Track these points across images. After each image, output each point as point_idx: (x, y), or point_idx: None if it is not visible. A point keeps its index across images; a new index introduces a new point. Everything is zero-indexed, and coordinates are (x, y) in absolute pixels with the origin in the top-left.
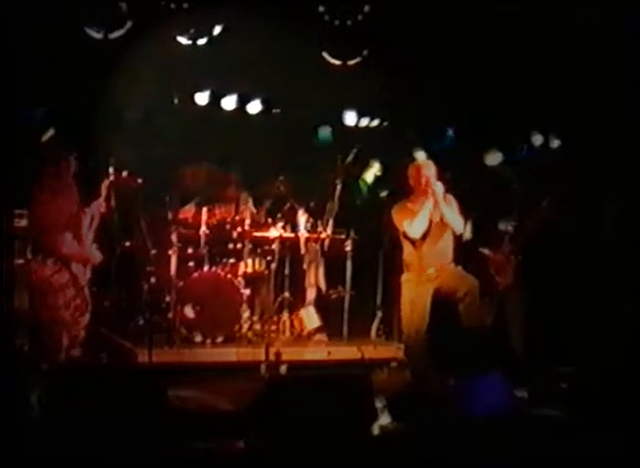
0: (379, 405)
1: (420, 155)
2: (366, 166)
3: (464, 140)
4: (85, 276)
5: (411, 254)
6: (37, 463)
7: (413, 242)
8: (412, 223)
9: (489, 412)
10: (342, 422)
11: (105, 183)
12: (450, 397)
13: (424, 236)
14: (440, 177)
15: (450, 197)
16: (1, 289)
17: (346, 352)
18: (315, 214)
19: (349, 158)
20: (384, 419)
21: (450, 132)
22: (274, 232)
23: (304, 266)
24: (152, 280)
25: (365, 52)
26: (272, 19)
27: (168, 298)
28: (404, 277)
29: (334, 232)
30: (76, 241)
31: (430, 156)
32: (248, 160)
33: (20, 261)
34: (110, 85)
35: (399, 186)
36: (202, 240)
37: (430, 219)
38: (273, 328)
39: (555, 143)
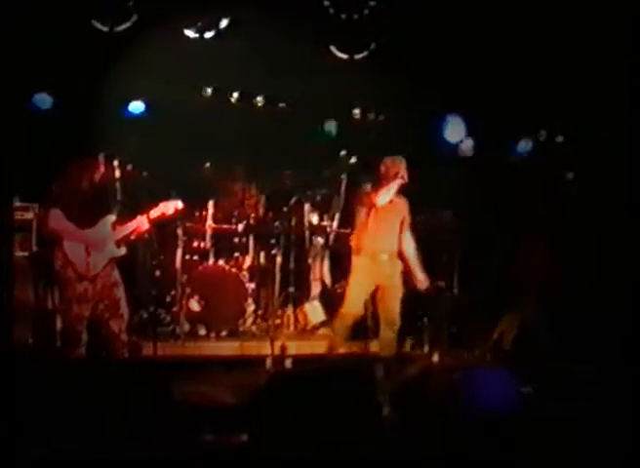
0: (382, 398)
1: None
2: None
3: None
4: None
5: (363, 238)
6: (41, 462)
7: (366, 224)
8: (381, 193)
9: (492, 408)
10: (346, 416)
11: (153, 215)
12: (453, 392)
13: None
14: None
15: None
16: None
17: (350, 346)
18: (321, 209)
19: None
20: (387, 413)
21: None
22: (278, 226)
23: (309, 260)
24: (157, 273)
25: (372, 45)
26: (278, 12)
27: (173, 292)
28: (357, 260)
29: (339, 226)
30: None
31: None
32: (254, 154)
33: (25, 254)
34: (116, 78)
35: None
36: (207, 233)
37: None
38: (278, 322)
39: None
